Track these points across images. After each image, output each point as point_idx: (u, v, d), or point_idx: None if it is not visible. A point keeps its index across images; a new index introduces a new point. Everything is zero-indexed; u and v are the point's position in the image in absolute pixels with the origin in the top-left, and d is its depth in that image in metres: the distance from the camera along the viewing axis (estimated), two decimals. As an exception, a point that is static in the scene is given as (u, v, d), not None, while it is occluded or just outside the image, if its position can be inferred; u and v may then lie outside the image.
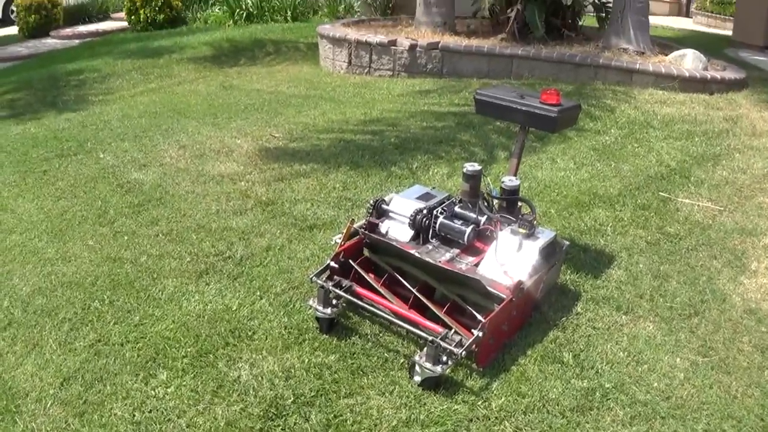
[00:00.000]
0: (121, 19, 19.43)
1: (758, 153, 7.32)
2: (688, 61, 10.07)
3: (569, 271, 4.83)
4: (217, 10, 17.55)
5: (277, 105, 9.22)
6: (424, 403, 3.61)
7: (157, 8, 17.13)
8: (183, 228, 5.48)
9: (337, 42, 11.17)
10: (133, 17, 17.42)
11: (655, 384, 3.86)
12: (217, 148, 7.27)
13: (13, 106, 10.16)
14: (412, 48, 10.56)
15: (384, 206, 4.40)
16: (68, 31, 18.40)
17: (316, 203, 5.91)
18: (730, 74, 10.05)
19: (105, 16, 20.64)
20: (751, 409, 3.72)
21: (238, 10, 16.67)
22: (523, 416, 3.58)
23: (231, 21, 16.57)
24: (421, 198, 4.42)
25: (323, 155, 7.11)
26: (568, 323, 4.29)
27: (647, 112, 8.52)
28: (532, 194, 6.06)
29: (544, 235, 4.13)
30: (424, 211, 4.25)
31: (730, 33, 15.34)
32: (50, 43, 17.57)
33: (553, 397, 3.70)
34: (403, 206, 4.33)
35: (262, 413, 3.55)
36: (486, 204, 4.42)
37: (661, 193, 6.23)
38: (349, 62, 11.10)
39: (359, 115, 8.58)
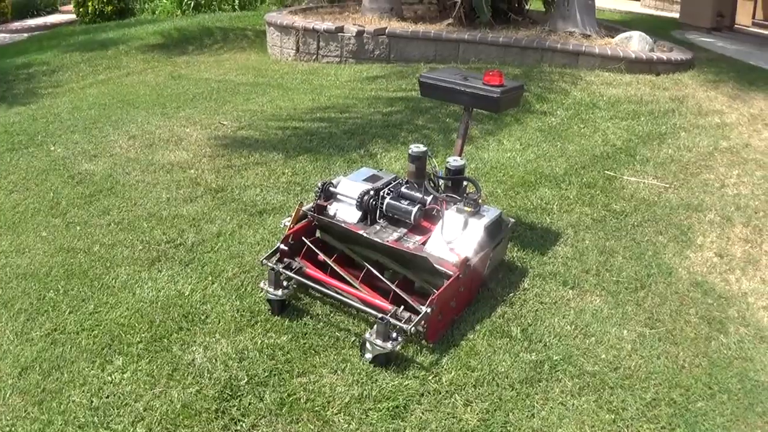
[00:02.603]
0: (69, 12, 19.35)
1: (704, 131, 7.46)
2: (635, 43, 10.22)
3: (516, 249, 4.92)
4: (165, 0, 17.42)
5: (225, 93, 9.22)
6: (376, 380, 3.67)
7: (105, 0, 16.94)
8: (134, 217, 5.49)
9: (284, 29, 11.18)
10: (81, 9, 17.33)
11: (603, 355, 3.97)
12: (166, 137, 7.27)
13: (-38, 101, 10.02)
14: (360, 34, 10.61)
15: (332, 189, 4.46)
16: (16, 24, 18.24)
17: (266, 189, 5.95)
18: (677, 55, 10.21)
19: (53, 9, 20.52)
20: (698, 378, 3.85)
21: (186, 0, 16.54)
22: (473, 389, 3.66)
23: (179, 11, 16.50)
24: (368, 180, 4.49)
25: (272, 142, 7.14)
26: (516, 299, 4.37)
27: (593, 94, 8.65)
28: (479, 175, 6.15)
29: (489, 213, 4.22)
30: (371, 192, 4.32)
31: (677, 15, 15.53)
32: (-1, 37, 17.38)
33: (503, 370, 3.78)
34: (351, 188, 4.39)
35: (217, 395, 3.59)
36: (432, 184, 4.48)
37: (606, 172, 6.34)
38: (297, 49, 11.11)
39: (308, 102, 8.62)
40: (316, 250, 4.22)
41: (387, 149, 6.77)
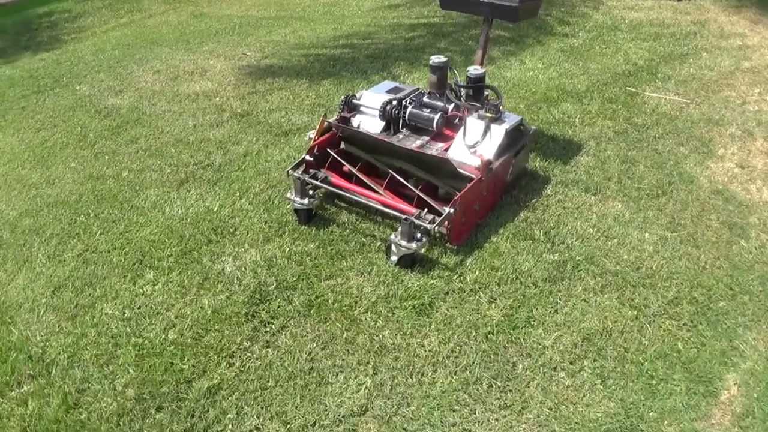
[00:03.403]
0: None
1: (725, 52, 7.41)
2: (656, -34, 10.10)
3: (539, 159, 4.97)
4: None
5: (247, 27, 9.25)
6: (402, 280, 3.76)
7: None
8: (162, 143, 5.57)
9: (305, -37, 11.07)
10: (98, -43, 17.10)
11: (625, 256, 4.02)
12: (190, 70, 7.33)
13: (-13, 51, 10.12)
14: (381, -37, 10.50)
15: (355, 101, 4.52)
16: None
17: (290, 111, 6.03)
18: (699, -21, 10.06)
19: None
20: (720, 279, 3.89)
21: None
22: (497, 287, 3.73)
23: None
24: (390, 92, 4.55)
25: (295, 69, 7.20)
26: (539, 204, 4.43)
27: (615, 17, 8.61)
28: (503, 92, 6.15)
29: (510, 119, 4.26)
30: (394, 102, 4.37)
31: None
32: (18, -12, 17.29)
33: (526, 269, 3.85)
34: (373, 99, 4.45)
35: (246, 299, 3.68)
36: (454, 94, 4.52)
37: (628, 88, 6.34)
38: (319, -18, 11.02)
39: (330, 31, 8.65)
40: (341, 160, 4.29)
41: (409, 71, 6.81)
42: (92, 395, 3.24)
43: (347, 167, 4.28)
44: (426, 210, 3.87)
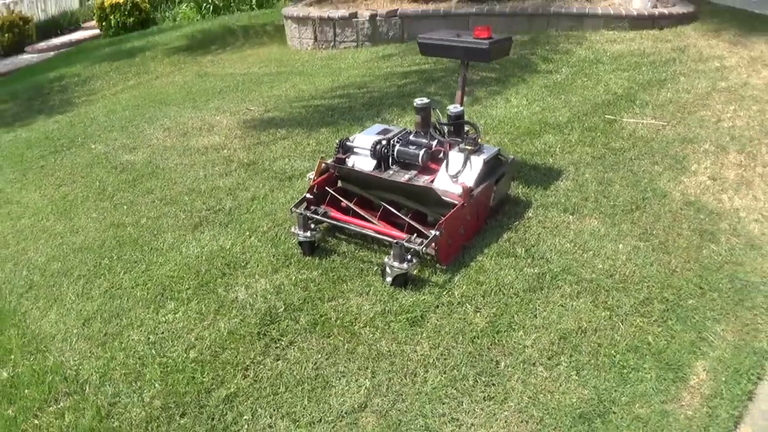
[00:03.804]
0: (92, 28, 19.76)
1: (703, 75, 7.84)
2: (637, 1, 10.57)
3: (521, 186, 5.39)
4: (184, 6, 17.99)
5: (250, 84, 9.74)
6: (396, 298, 4.19)
7: (126, 12, 17.52)
8: (176, 193, 6.04)
9: (301, 21, 11.67)
10: (104, 23, 17.81)
11: (600, 265, 4.42)
12: (198, 126, 7.82)
13: (1, 116, 10.67)
14: (373, 18, 11.07)
15: (348, 143, 4.99)
16: (42, 45, 18.71)
17: (293, 158, 6.48)
18: (680, 9, 10.50)
19: (76, 27, 20.92)
20: (690, 280, 4.28)
21: (204, 4, 17.13)
22: (482, 299, 4.15)
23: (199, 15, 17.01)
24: (380, 133, 5.02)
25: (296, 119, 7.68)
26: (521, 225, 4.85)
27: (597, 51, 9.05)
28: (488, 129, 6.62)
29: (488, 150, 4.72)
30: (383, 142, 4.84)
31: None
32: (26, 58, 17.89)
33: (508, 282, 4.27)
34: (365, 141, 4.92)
35: (258, 321, 4.12)
36: (438, 132, 5.00)
37: (607, 116, 6.78)
38: (315, 39, 11.59)
39: (328, 83, 9.12)
40: (338, 196, 4.75)
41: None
42: (122, 407, 3.66)
43: (344, 203, 4.73)
44: (415, 235, 4.31)
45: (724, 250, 4.60)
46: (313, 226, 4.62)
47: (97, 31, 18.97)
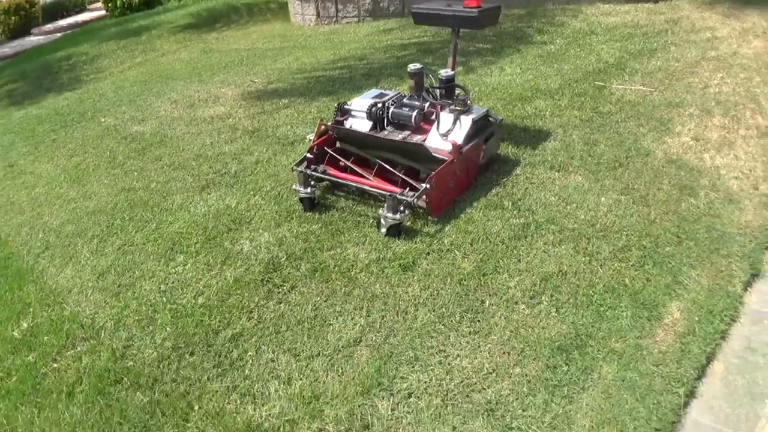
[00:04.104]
0: (98, 9, 20.00)
1: (694, 45, 8.05)
2: (632, -25, 10.76)
3: (511, 146, 5.67)
4: (191, -15, 18.23)
5: (254, 59, 10.02)
6: (390, 246, 4.47)
7: (132, -8, 17.73)
8: (183, 159, 6.34)
9: (304, -3, 11.88)
10: (110, 4, 18.01)
11: (582, 216, 4.69)
12: (204, 98, 8.12)
13: (11, 95, 10.98)
14: (374, -7, 11.28)
15: (346, 106, 5.28)
16: (49, 27, 18.92)
17: (295, 125, 6.78)
18: (674, -18, 10.70)
19: (82, 9, 21.13)
20: (667, 229, 4.53)
21: (210, -18, 17.34)
22: (469, 246, 4.43)
23: (204, -7, 17.26)
24: (376, 97, 5.30)
25: (299, 90, 7.97)
26: (508, 181, 5.13)
27: (592, 23, 9.27)
28: (482, 95, 6.89)
29: (477, 111, 5.01)
30: (379, 105, 5.13)
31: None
32: (33, 40, 18.11)
33: (495, 231, 4.56)
34: (362, 104, 5.21)
35: (262, 269, 4.41)
36: (430, 94, 5.30)
37: (596, 83, 7.03)
38: (318, 14, 11.82)
39: (329, 56, 9.40)
40: (336, 156, 5.05)
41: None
42: (136, 349, 3.96)
43: (342, 162, 5.04)
44: (408, 188, 4.62)
45: (702, 204, 4.83)
46: (313, 183, 4.92)
47: (102, 12, 19.19)
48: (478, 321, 3.84)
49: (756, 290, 4.13)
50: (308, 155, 5.00)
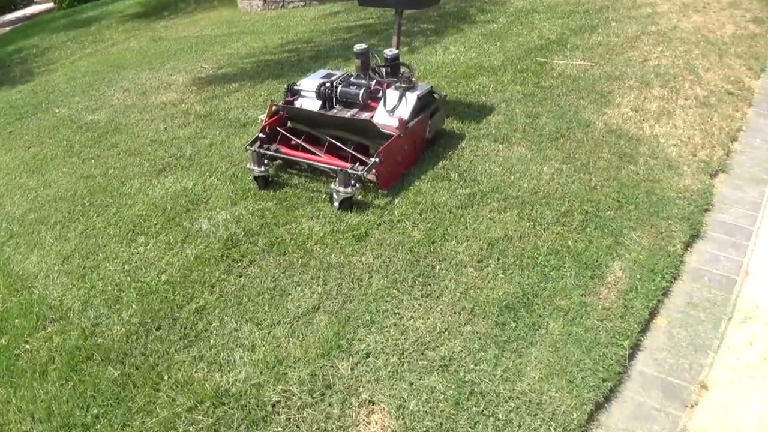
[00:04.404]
0: (45, 2, 19.86)
1: (634, 20, 8.39)
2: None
3: (456, 121, 5.90)
4: (137, -25, 18.19)
5: (203, 45, 10.16)
6: (343, 219, 4.68)
7: (80, -16, 17.69)
8: (139, 145, 6.48)
9: (251, -17, 12.01)
10: (58, -4, 17.94)
11: (525, 185, 4.94)
12: (156, 85, 8.24)
13: (-38, 90, 10.96)
14: (320, -23, 11.45)
15: (295, 87, 5.48)
16: (-4, 20, 18.84)
17: (246, 108, 6.95)
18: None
19: (29, 2, 20.98)
20: (608, 195, 4.82)
21: (156, -28, 17.34)
22: (419, 216, 4.66)
23: (150, -17, 17.25)
24: (324, 77, 5.50)
25: (249, 74, 8.13)
26: (455, 155, 5.36)
27: (534, 1, 9.59)
28: (427, 74, 7.11)
29: (422, 87, 5.23)
30: (327, 84, 5.33)
31: None
32: (-19, 35, 18.09)
33: (442, 201, 4.78)
34: (311, 84, 5.40)
35: (221, 246, 4.59)
36: (376, 74, 5.52)
37: (538, 59, 7.30)
38: (265, 0, 11.95)
39: (277, 40, 9.58)
40: (288, 135, 5.25)
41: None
42: (104, 327, 4.11)
43: (294, 140, 5.24)
44: (358, 163, 4.84)
45: (642, 170, 5.13)
46: (266, 162, 5.09)
47: (50, 5, 19.09)
48: (430, 285, 4.06)
49: (696, 250, 4.47)
50: (261, 135, 5.19)
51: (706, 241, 4.62)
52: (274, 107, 5.27)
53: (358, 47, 5.33)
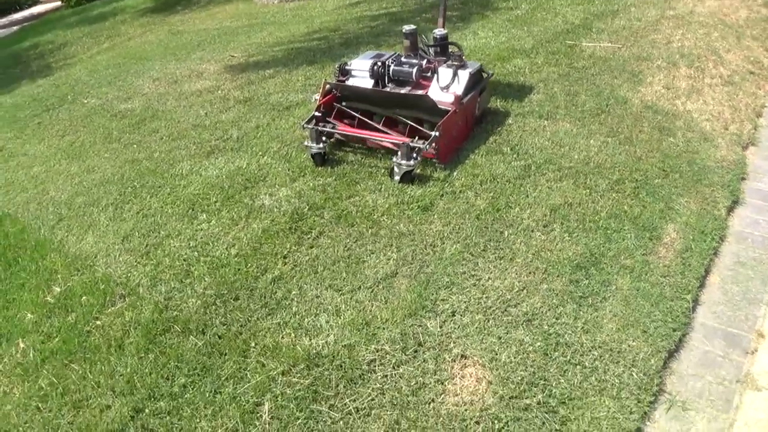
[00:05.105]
0: (50, 1, 19.93)
1: (652, 5, 8.53)
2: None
3: (499, 100, 6.03)
4: (144, -29, 18.26)
5: (226, 36, 10.27)
6: (406, 192, 4.80)
7: (88, -18, 17.76)
8: (181, 129, 6.59)
9: (267, -23, 12.12)
10: (65, -6, 18.00)
11: (576, 156, 5.09)
12: (187, 74, 8.34)
13: (-19, 87, 11.02)
14: (337, -31, 11.57)
15: (347, 67, 5.60)
16: (4, 20, 18.77)
17: (286, 92, 7.06)
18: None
19: (35, 2, 21.04)
20: (654, 165, 4.98)
21: (165, -32, 17.41)
22: (480, 186, 4.79)
23: (158, -21, 17.32)
24: (374, 58, 5.63)
25: (281, 61, 8.24)
26: (503, 130, 5.49)
27: (553, -11, 9.75)
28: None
29: (472, 65, 5.36)
30: (379, 63, 5.47)
31: None
32: (-10, 34, 18.14)
33: (500, 173, 4.92)
34: (363, 64, 5.53)
35: (287, 219, 4.70)
36: (425, 53, 5.66)
37: (567, 42, 7.44)
38: (281, -8, 12.07)
39: (303, 29, 9.70)
40: (348, 110, 5.39)
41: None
42: (178, 300, 4.20)
43: (349, 119, 5.38)
44: (417, 137, 4.97)
45: (681, 142, 5.31)
46: (323, 138, 5.19)
47: (57, 4, 19.15)
48: (501, 248, 4.20)
49: (737, 215, 4.72)
50: (316, 113, 5.28)
51: (746, 207, 4.86)
52: (327, 86, 5.35)
53: (407, 27, 5.46)
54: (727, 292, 4.06)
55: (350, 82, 5.48)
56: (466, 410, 3.25)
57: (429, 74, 5.39)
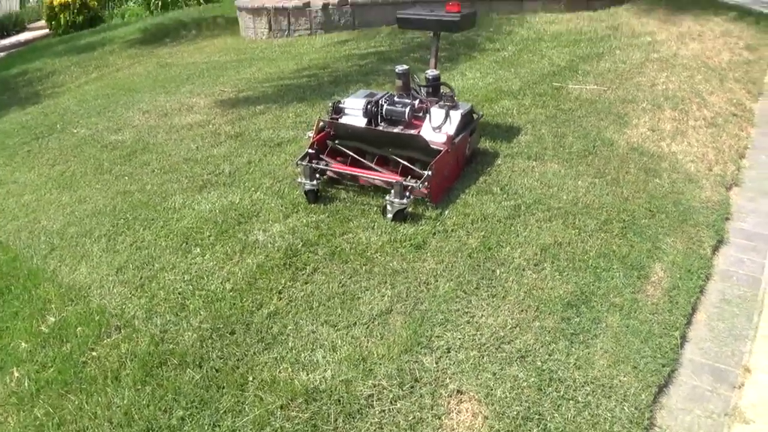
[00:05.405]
0: (38, 28, 19.93)
1: (637, 48, 8.74)
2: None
3: (488, 141, 6.15)
4: (132, 3, 18.39)
5: (216, 70, 10.33)
6: (398, 230, 4.88)
7: (75, 11, 17.80)
8: (173, 162, 6.63)
9: (256, 12, 12.32)
10: (53, 22, 18.04)
11: (564, 197, 5.21)
12: (177, 107, 8.40)
13: (-32, 113, 11.01)
14: (325, 7, 11.79)
15: (340, 105, 5.71)
16: (-9, 47, 18.90)
17: (277, 129, 7.14)
18: (611, -9, 11.38)
19: (22, 29, 21.02)
20: (641, 205, 5.13)
21: (153, 0, 17.52)
22: (471, 225, 4.89)
23: (148, 12, 17.44)
24: (367, 96, 5.74)
25: (271, 97, 8.34)
26: (493, 170, 5.60)
27: (538, 31, 9.94)
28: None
29: (464, 106, 5.48)
30: (373, 102, 5.58)
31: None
32: (-24, 61, 18.11)
33: (490, 212, 5.01)
34: (355, 103, 5.62)
35: (282, 255, 4.75)
36: (417, 93, 5.78)
37: (554, 84, 7.59)
38: (270, 28, 12.21)
39: (292, 66, 9.80)
40: (342, 148, 5.48)
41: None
42: (174, 333, 4.22)
43: (341, 157, 5.48)
44: (409, 177, 5.07)
45: (666, 183, 5.47)
46: (317, 175, 5.28)
47: (45, 31, 19.16)
48: (494, 287, 4.30)
49: (722, 254, 4.91)
50: (310, 150, 5.38)
51: (730, 246, 5.04)
52: (321, 123, 5.45)
53: (399, 68, 5.58)
54: (714, 328, 4.21)
55: (343, 120, 5.56)
56: (462, 446, 3.27)
57: (421, 114, 5.48)
